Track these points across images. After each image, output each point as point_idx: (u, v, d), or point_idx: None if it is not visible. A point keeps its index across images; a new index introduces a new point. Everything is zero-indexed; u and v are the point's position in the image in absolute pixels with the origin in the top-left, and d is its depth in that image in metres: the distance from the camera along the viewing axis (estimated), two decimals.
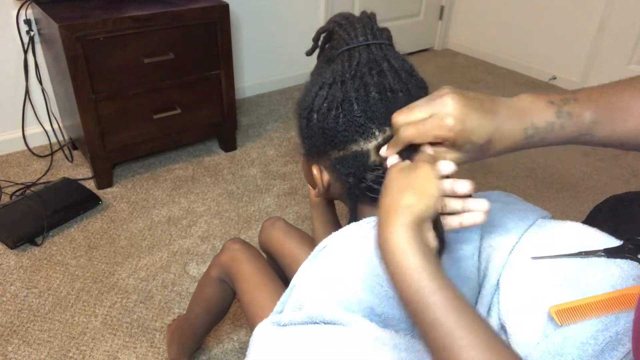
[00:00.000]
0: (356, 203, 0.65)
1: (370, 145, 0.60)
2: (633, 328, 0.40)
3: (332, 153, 0.63)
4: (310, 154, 0.67)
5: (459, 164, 0.55)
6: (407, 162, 0.54)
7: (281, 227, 1.04)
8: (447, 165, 0.52)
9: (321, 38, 0.67)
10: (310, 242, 1.00)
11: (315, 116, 0.62)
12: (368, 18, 0.63)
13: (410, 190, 0.48)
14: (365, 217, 0.65)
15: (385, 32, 0.63)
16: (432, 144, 0.55)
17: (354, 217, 0.66)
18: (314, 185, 0.73)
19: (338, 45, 0.62)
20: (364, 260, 0.59)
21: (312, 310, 0.58)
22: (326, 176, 0.67)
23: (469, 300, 0.57)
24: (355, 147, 0.61)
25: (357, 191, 0.63)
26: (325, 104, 0.60)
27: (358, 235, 0.62)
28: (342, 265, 0.60)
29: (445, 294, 0.43)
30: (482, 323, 0.42)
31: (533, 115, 0.56)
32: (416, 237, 0.45)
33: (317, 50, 0.70)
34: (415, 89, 0.61)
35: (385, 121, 0.59)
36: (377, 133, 0.60)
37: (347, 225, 0.64)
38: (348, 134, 0.60)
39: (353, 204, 0.65)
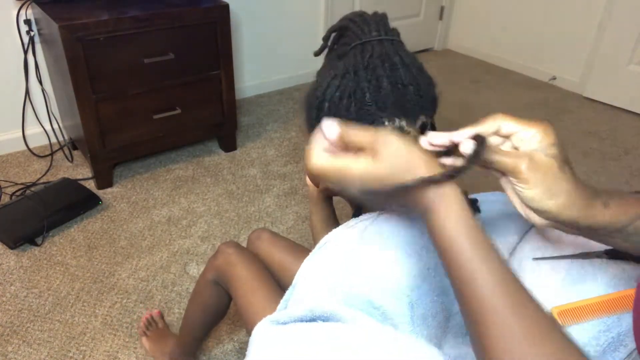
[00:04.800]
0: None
1: None
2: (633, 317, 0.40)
3: None
4: None
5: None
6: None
7: (267, 239, 1.03)
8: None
9: (331, 37, 0.68)
10: (299, 250, 1.00)
11: (326, 105, 0.62)
12: (380, 16, 0.64)
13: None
14: (368, 212, 0.65)
15: (396, 31, 0.64)
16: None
17: (359, 211, 0.67)
18: (317, 181, 0.74)
19: (350, 41, 0.63)
20: (363, 254, 0.59)
21: (312, 304, 0.58)
22: None
23: None
24: None
25: None
26: (337, 94, 0.61)
27: (358, 230, 0.62)
28: (341, 259, 0.60)
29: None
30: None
31: None
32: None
33: (325, 50, 0.70)
34: (425, 85, 0.62)
35: (395, 112, 0.60)
36: (386, 123, 0.60)
37: (347, 222, 0.64)
38: (358, 123, 0.60)
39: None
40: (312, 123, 0.65)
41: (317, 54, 0.70)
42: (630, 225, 0.48)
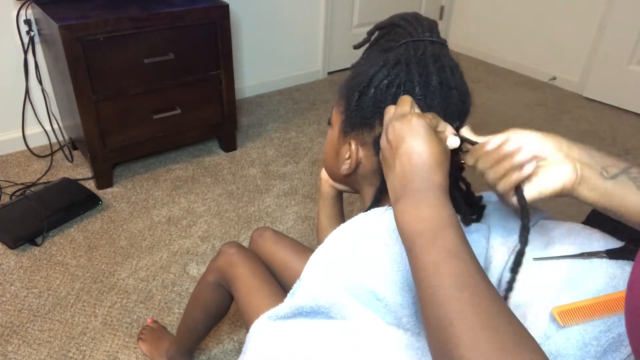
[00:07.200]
0: (385, 183, 0.66)
1: None
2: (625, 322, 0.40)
3: (378, 129, 0.64)
4: (353, 128, 0.67)
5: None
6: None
7: (270, 237, 1.03)
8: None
9: (376, 33, 0.69)
10: (301, 249, 1.00)
11: (372, 90, 0.63)
12: (433, 21, 0.66)
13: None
14: (386, 201, 0.66)
15: (444, 39, 0.66)
16: None
17: (378, 197, 0.67)
18: (334, 168, 0.74)
19: (399, 38, 0.64)
20: (369, 248, 0.60)
21: (315, 293, 0.59)
22: (361, 152, 0.68)
23: None
24: None
25: None
26: (385, 81, 0.62)
27: (365, 224, 0.63)
28: (347, 252, 0.61)
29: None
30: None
31: None
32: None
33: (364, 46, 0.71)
34: (464, 94, 0.63)
35: (439, 112, 0.60)
36: None
37: (355, 217, 0.65)
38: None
39: (382, 184, 0.66)
40: (352, 106, 0.65)
41: (357, 47, 0.71)
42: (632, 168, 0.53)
